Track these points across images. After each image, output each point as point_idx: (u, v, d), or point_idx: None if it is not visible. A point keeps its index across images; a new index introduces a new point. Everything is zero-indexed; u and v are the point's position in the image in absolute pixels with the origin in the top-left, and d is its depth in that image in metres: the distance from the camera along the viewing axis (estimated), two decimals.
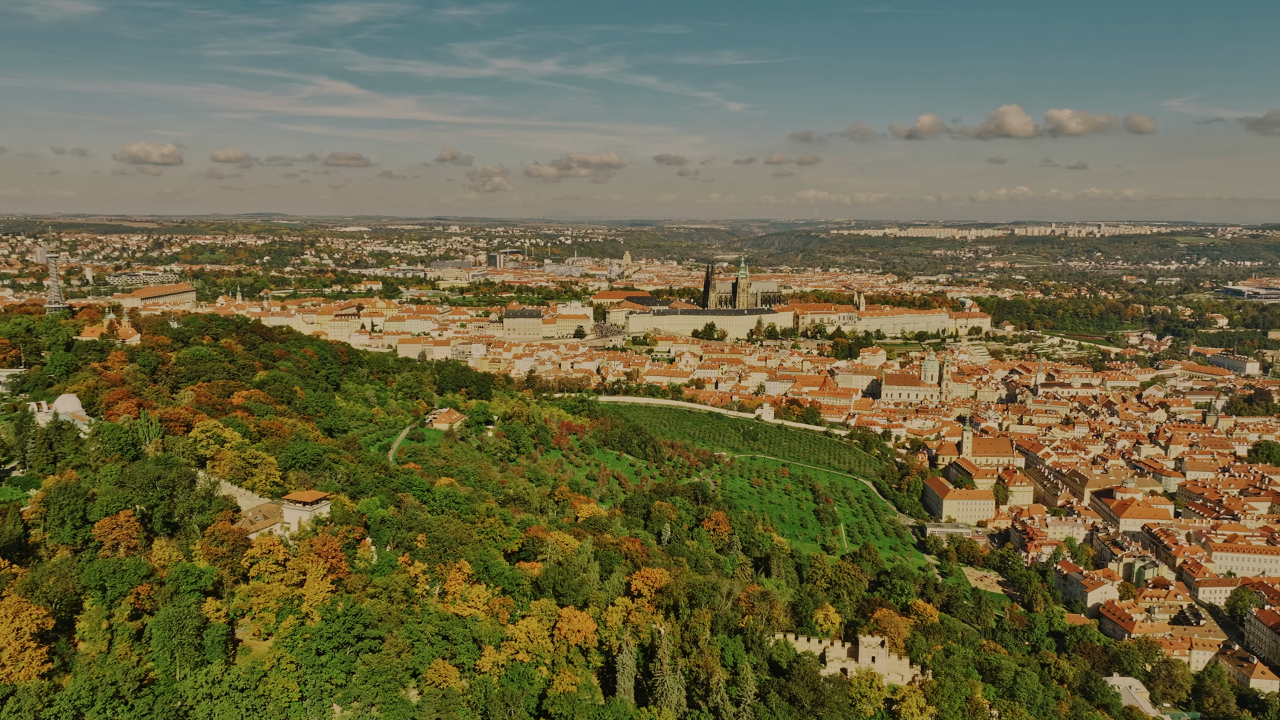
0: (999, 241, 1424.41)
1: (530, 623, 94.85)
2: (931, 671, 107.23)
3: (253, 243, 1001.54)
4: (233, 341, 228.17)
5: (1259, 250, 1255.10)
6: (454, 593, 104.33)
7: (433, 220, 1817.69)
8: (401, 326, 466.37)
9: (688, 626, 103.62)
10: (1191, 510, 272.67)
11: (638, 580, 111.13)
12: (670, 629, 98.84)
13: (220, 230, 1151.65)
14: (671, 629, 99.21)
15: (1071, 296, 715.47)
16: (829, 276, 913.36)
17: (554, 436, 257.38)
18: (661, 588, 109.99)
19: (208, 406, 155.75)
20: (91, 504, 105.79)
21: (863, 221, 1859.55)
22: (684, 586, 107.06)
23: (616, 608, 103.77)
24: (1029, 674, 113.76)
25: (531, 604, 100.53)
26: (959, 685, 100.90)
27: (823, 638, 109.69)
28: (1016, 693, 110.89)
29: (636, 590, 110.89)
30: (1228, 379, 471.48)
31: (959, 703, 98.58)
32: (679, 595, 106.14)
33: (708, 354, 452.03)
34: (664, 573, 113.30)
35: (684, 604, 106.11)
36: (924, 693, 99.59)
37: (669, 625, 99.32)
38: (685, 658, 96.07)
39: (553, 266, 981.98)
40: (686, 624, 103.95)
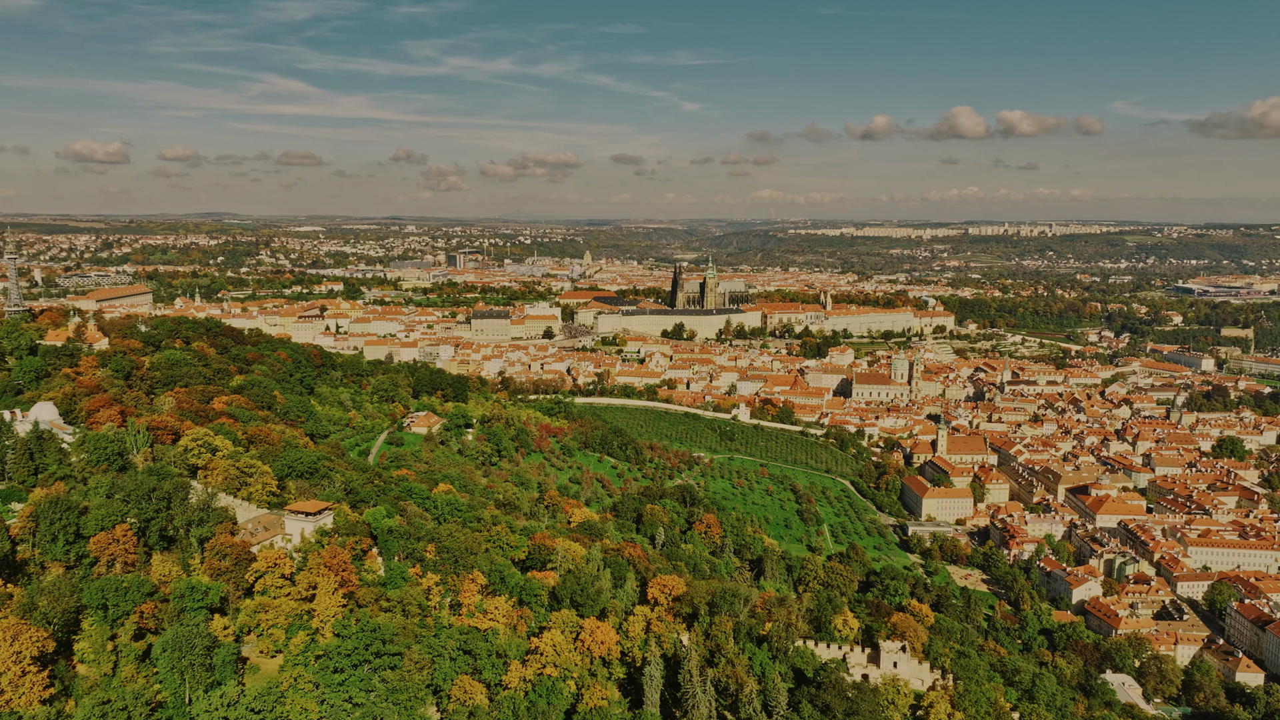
0: (953, 241, 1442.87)
1: (555, 635, 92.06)
2: (952, 675, 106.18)
3: (206, 243, 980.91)
4: (204, 345, 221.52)
5: (1204, 249, 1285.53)
6: (468, 605, 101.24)
7: (388, 220, 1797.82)
8: (367, 328, 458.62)
9: (709, 635, 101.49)
10: (1163, 506, 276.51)
11: (654, 588, 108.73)
12: (696, 639, 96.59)
13: (171, 230, 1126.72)
14: (696, 639, 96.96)
15: (1029, 295, 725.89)
16: (790, 276, 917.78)
17: (534, 439, 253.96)
18: (679, 595, 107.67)
19: (190, 413, 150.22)
20: (83, 518, 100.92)
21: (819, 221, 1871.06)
22: (704, 594, 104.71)
23: (636, 617, 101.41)
24: (1048, 675, 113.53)
25: (552, 615, 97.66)
26: (984, 689, 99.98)
27: (842, 643, 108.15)
28: (1036, 695, 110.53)
29: (653, 599, 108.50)
30: (1186, 375, 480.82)
31: (985, 707, 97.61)
32: (699, 603, 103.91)
33: (678, 354, 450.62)
34: (680, 580, 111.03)
35: (704, 612, 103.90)
36: (950, 698, 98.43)
37: (694, 635, 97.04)
38: (713, 668, 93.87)
39: (513, 266, 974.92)
40: (708, 633, 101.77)
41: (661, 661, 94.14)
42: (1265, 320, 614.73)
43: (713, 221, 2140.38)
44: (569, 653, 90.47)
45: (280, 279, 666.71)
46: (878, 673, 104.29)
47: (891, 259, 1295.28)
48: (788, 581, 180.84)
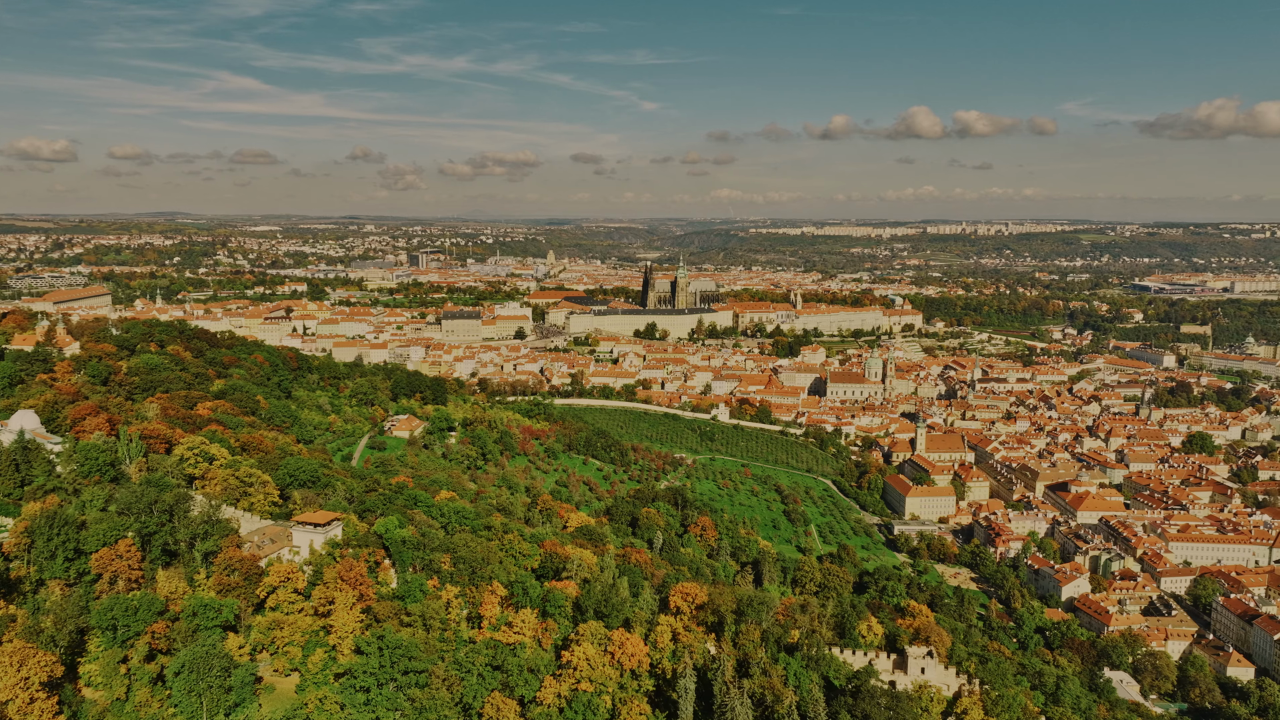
0: (913, 240, 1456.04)
1: (588, 648, 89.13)
2: (979, 680, 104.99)
3: (160, 243, 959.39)
4: (179, 348, 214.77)
5: (1155, 247, 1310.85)
6: (489, 617, 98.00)
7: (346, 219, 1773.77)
8: (335, 329, 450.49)
9: (736, 644, 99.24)
10: (1140, 501, 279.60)
11: (676, 596, 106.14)
12: (728, 650, 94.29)
13: (123, 230, 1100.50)
14: (728, 649, 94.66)
15: (992, 293, 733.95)
16: (755, 275, 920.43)
17: (518, 442, 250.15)
18: (702, 603, 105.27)
19: (177, 420, 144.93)
20: (82, 533, 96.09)
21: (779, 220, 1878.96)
22: (730, 602, 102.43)
23: (663, 627, 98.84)
24: (1071, 678, 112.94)
25: (580, 627, 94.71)
26: (1014, 693, 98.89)
27: (867, 650, 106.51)
28: (1061, 697, 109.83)
29: (675, 607, 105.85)
30: (1149, 372, 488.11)
31: (1016, 712, 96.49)
32: (725, 611, 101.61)
33: (651, 354, 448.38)
34: (701, 587, 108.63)
35: (730, 621, 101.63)
36: (983, 704, 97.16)
37: (725, 645, 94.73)
38: (747, 679, 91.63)
39: (477, 266, 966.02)
40: (736, 642, 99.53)
41: (694, 673, 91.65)
42: (1222, 317, 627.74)
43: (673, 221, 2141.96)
44: (604, 666, 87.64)
45: (241, 279, 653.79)
46: (906, 679, 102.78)
47: (852, 258, 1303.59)
48: (785, 584, 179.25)
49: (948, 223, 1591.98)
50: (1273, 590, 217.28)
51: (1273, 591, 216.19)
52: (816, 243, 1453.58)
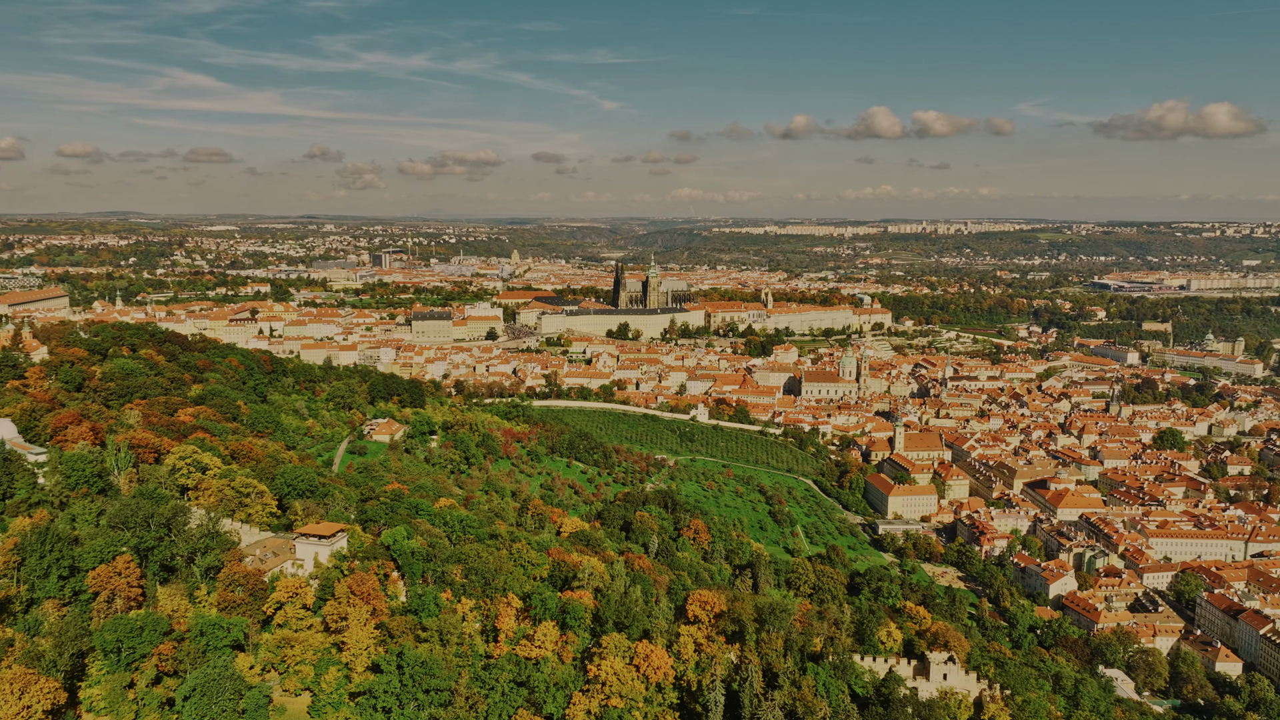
0: (874, 239, 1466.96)
1: (615, 662, 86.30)
2: (999, 685, 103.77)
3: (115, 243, 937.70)
4: (152, 352, 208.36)
5: (1111, 246, 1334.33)
6: (506, 630, 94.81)
7: (304, 219, 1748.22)
8: (302, 331, 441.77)
9: (759, 654, 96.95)
10: (1117, 498, 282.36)
11: (694, 605, 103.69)
12: (753, 660, 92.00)
13: (75, 230, 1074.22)
14: (750, 658, 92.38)
15: (956, 292, 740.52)
16: (722, 275, 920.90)
17: (501, 445, 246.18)
18: (721, 612, 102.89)
19: (159, 427, 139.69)
20: (77, 549, 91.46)
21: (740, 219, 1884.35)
22: (751, 610, 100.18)
23: (685, 638, 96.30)
24: (1090, 681, 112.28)
25: (602, 639, 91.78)
26: (1039, 699, 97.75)
27: (887, 656, 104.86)
28: (1080, 700, 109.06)
29: (693, 615, 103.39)
30: (1115, 369, 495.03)
31: (1043, 717, 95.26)
32: (746, 619, 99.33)
33: (625, 354, 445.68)
34: (720, 595, 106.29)
35: (751, 629, 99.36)
36: (1009, 709, 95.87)
37: (751, 655, 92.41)
38: (776, 690, 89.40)
39: (441, 266, 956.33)
40: (758, 651, 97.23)
41: (721, 686, 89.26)
42: (1181, 314, 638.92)
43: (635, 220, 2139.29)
44: (634, 681, 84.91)
45: (201, 280, 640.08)
46: (928, 686, 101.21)
47: (816, 257, 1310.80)
48: (780, 587, 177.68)
49: (907, 222, 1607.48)
50: (1252, 585, 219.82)
51: (1253, 586, 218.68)
52: (779, 242, 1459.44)
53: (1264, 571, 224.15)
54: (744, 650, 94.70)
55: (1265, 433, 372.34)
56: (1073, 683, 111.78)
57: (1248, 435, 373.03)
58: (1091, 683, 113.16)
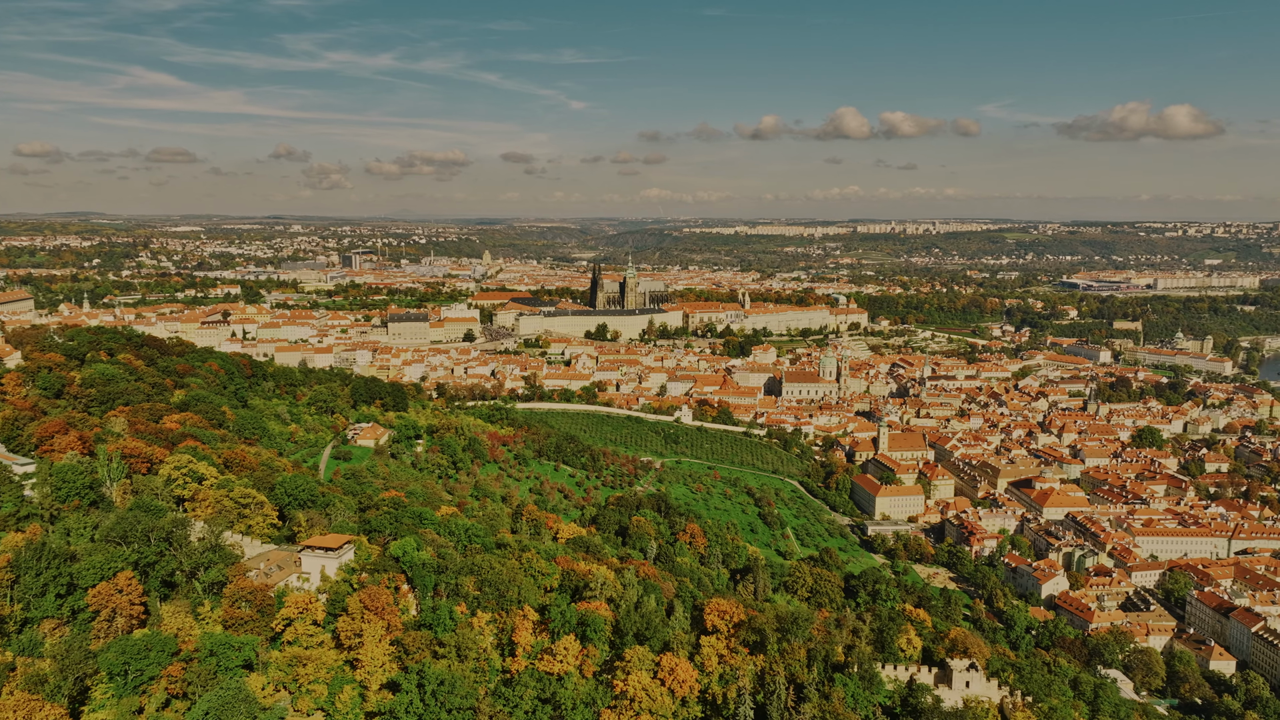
0: (844, 239, 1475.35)
1: (642, 677, 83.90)
2: (1021, 691, 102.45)
3: (77, 244, 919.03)
4: (131, 357, 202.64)
5: (1077, 245, 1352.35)
6: (523, 645, 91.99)
7: (270, 219, 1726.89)
8: (276, 333, 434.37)
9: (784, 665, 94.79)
10: (1100, 496, 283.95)
11: (712, 614, 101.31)
12: (780, 671, 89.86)
13: (35, 230, 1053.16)
14: (780, 671, 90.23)
15: (929, 291, 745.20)
16: (695, 275, 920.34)
17: (488, 449, 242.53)
18: (740, 621, 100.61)
19: (147, 435, 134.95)
20: (75, 566, 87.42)
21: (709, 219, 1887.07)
22: (772, 619, 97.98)
23: (708, 649, 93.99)
24: (1110, 686, 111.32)
25: (626, 653, 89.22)
26: (1064, 706, 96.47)
27: (907, 664, 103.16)
28: (1100, 705, 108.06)
29: (711, 625, 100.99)
30: (1088, 367, 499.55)
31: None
32: (768, 629, 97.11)
33: (604, 355, 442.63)
34: (738, 604, 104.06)
35: (773, 639, 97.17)
36: (1036, 718, 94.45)
37: (778, 666, 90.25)
38: (805, 702, 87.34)
39: (412, 267, 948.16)
40: (783, 661, 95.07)
41: (750, 699, 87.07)
42: (1151, 313, 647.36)
43: (605, 220, 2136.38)
44: (664, 697, 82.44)
45: (169, 282, 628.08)
46: (951, 694, 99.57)
47: (786, 257, 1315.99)
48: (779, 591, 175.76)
49: (876, 221, 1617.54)
50: (1239, 582, 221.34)
51: (1240, 584, 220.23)
52: (750, 242, 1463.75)
53: (1250, 569, 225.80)
54: (769, 661, 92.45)
55: (1239, 430, 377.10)
56: (1091, 687, 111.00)
57: (1222, 433, 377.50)
58: (1112, 687, 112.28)
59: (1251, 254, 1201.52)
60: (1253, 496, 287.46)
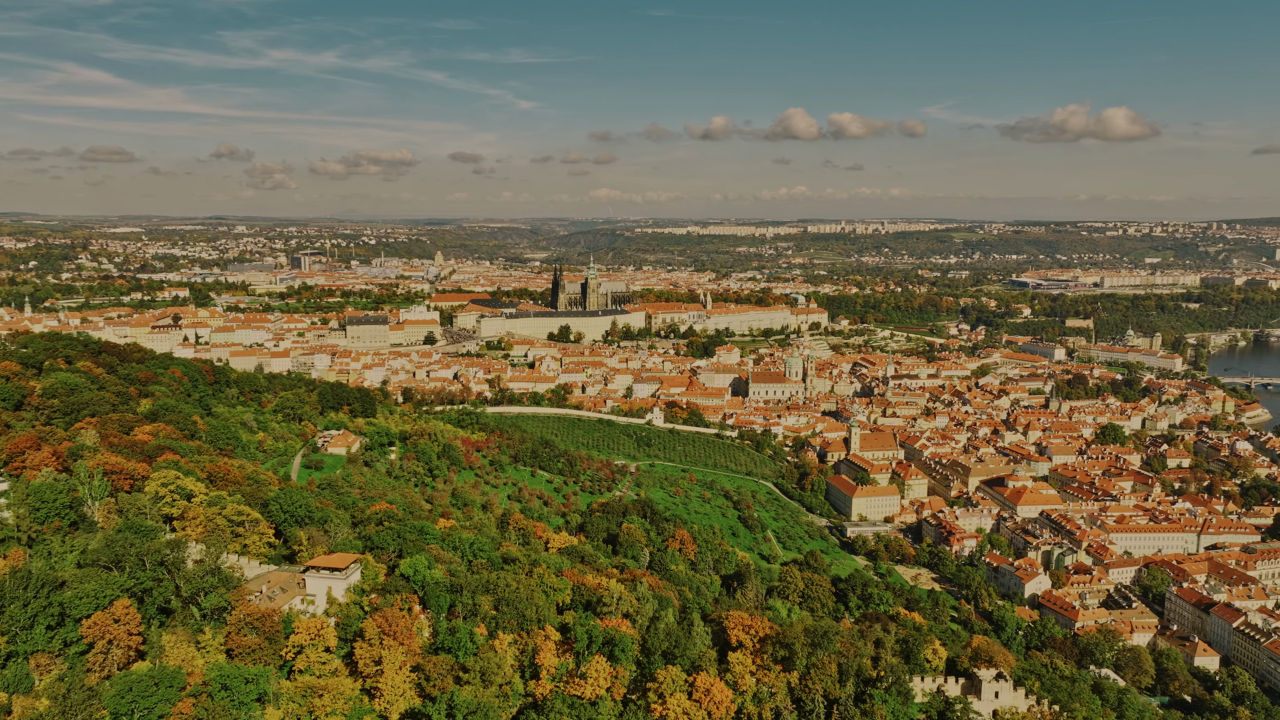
0: (795, 239, 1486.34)
1: (681, 700, 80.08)
2: (1048, 700, 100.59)
3: (11, 246, 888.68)
4: (90, 364, 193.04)
5: (1022, 245, 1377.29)
6: (548, 667, 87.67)
7: (213, 220, 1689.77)
8: (231, 338, 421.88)
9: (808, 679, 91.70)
10: (1070, 494, 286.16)
11: (736, 629, 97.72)
12: (816, 688, 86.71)
13: None
14: (817, 687, 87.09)
15: (884, 291, 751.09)
16: (650, 275, 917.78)
17: (464, 455, 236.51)
18: (765, 636, 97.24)
19: (121, 448, 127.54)
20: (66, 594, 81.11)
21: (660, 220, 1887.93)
22: (801, 633, 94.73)
23: (739, 667, 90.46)
24: (1133, 691, 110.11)
25: (658, 674, 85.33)
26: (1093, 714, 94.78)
27: (934, 675, 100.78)
28: (1125, 712, 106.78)
29: (736, 641, 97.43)
30: (1045, 365, 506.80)
31: None
32: (796, 644, 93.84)
33: (568, 357, 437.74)
34: (762, 618, 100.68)
35: (802, 654, 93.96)
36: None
37: (817, 685, 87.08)
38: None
39: (363, 268, 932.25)
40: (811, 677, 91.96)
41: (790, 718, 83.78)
42: (1101, 311, 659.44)
43: (555, 220, 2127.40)
44: (700, 718, 78.67)
45: (113, 285, 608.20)
46: (981, 705, 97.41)
47: (740, 256, 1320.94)
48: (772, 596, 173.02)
49: (825, 221, 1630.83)
50: (1213, 577, 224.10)
51: (1214, 579, 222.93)
52: (702, 242, 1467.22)
53: (1223, 564, 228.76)
54: (804, 678, 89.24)
55: (1196, 425, 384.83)
56: (1115, 694, 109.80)
57: (1179, 429, 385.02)
58: (1134, 694, 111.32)
59: (1189, 253, 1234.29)
60: (1216, 491, 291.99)
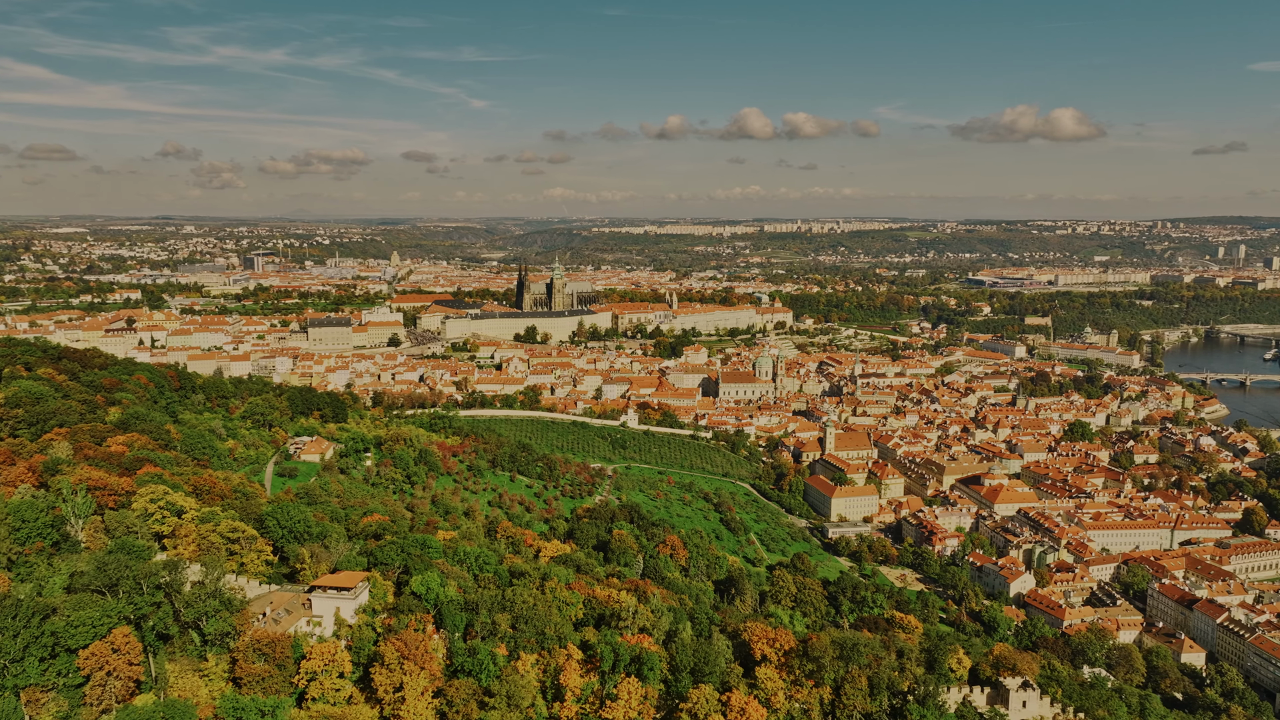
0: (752, 238, 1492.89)
1: None
2: (1074, 708, 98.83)
3: None
4: (52, 371, 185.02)
5: (975, 243, 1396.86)
6: (572, 688, 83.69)
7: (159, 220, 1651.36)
8: (188, 341, 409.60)
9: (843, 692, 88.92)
10: (1044, 491, 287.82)
11: (760, 643, 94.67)
12: (856, 705, 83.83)
13: None
14: (857, 704, 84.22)
15: (844, 290, 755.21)
16: (610, 275, 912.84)
17: (441, 461, 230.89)
18: (790, 648, 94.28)
19: (98, 461, 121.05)
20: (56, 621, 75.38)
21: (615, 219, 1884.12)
22: (830, 646, 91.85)
23: (771, 684, 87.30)
24: (1154, 697, 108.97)
25: (692, 693, 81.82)
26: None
27: (958, 684, 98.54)
28: (1148, 715, 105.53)
29: (760, 655, 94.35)
30: (1008, 363, 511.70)
31: None
32: (825, 657, 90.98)
33: (535, 358, 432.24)
34: (785, 631, 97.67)
35: (830, 667, 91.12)
36: None
37: (854, 700, 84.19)
38: None
39: (318, 269, 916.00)
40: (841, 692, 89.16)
41: None
42: (1059, 308, 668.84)
43: (510, 220, 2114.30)
44: None
45: (60, 287, 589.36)
46: (1010, 715, 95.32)
47: (698, 256, 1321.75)
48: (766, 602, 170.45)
49: (781, 220, 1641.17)
50: (1192, 573, 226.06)
51: (1193, 575, 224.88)
52: (660, 241, 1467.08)
53: (1200, 559, 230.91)
54: (838, 694, 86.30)
55: (1159, 421, 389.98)
56: (1137, 699, 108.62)
57: (1143, 424, 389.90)
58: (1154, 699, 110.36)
59: (1135, 251, 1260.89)
60: (1184, 487, 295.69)
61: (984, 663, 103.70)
